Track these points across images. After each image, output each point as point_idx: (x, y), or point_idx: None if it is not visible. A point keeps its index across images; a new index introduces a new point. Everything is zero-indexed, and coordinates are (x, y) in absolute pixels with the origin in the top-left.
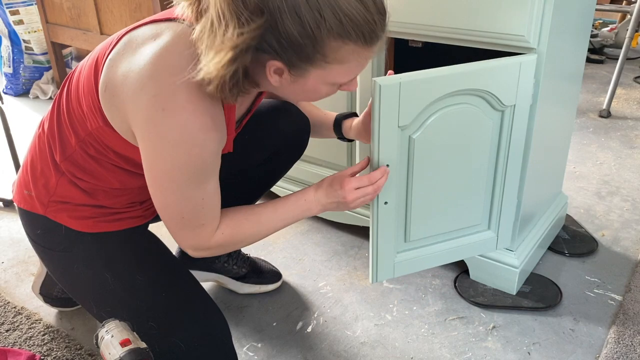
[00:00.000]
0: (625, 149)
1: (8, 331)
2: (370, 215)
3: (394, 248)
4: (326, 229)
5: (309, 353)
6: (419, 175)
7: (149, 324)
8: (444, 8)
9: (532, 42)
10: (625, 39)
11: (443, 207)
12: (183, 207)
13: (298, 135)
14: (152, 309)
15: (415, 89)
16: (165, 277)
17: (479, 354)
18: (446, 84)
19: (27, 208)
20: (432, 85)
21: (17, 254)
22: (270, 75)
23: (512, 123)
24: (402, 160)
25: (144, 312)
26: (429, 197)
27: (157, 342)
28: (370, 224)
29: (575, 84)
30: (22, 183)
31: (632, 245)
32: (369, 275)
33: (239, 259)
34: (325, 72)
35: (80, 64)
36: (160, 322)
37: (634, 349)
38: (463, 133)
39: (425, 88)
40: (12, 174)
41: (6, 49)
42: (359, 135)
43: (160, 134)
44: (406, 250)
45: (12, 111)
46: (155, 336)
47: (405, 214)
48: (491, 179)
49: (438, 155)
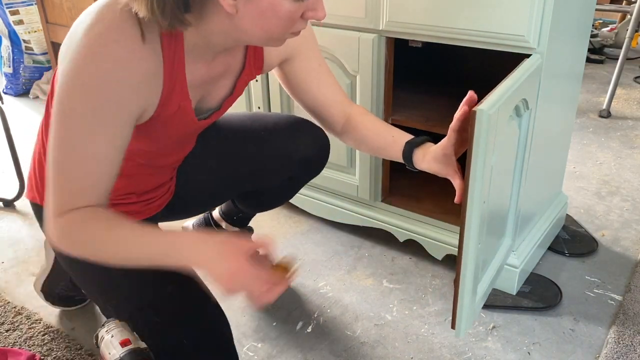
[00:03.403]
0: (625, 149)
1: (8, 331)
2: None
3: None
4: (326, 229)
5: (309, 353)
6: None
7: (154, 319)
8: (444, 8)
9: (532, 42)
10: (625, 39)
11: (492, 227)
12: (62, 151)
13: (317, 160)
14: (158, 304)
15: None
16: (171, 273)
17: (479, 354)
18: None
19: (36, 202)
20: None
21: (17, 254)
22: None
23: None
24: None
25: (150, 307)
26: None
27: (161, 338)
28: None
29: (575, 84)
30: (31, 178)
31: (632, 245)
32: (458, 330)
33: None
34: None
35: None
36: (165, 318)
37: (634, 349)
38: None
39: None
40: (12, 174)
41: (6, 49)
42: (437, 167)
43: (74, 55)
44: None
45: (12, 111)
46: (160, 332)
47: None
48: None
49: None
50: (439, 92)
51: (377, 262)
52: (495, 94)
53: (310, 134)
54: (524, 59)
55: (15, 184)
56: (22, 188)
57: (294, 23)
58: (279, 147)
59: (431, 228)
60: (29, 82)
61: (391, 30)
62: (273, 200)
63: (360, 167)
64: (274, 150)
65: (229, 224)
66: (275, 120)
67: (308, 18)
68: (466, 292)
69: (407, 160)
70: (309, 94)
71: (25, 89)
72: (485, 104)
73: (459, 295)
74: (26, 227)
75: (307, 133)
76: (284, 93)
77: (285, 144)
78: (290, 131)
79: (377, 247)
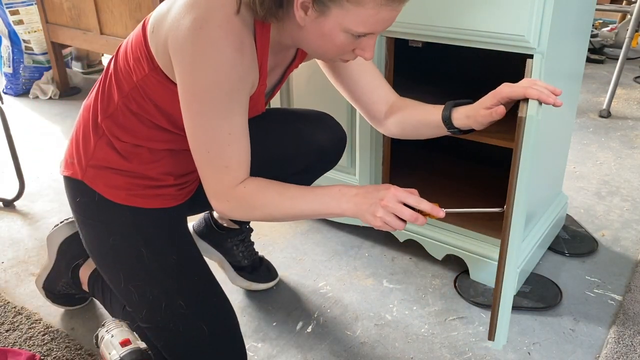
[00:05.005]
0: (625, 149)
1: (8, 331)
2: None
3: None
4: (326, 229)
5: (309, 353)
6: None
7: (178, 302)
8: (444, 8)
9: (532, 42)
10: (625, 39)
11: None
12: (210, 136)
13: (335, 150)
14: (183, 290)
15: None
16: (197, 264)
17: (479, 354)
18: None
19: (68, 174)
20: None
21: (17, 254)
22: (297, 9)
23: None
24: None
25: (175, 291)
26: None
27: (182, 323)
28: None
29: (575, 84)
30: (67, 154)
31: (632, 245)
32: (496, 341)
33: (248, 248)
34: (343, 13)
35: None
36: (190, 303)
37: (634, 349)
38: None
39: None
40: (12, 174)
41: (6, 49)
42: (476, 117)
43: (194, 52)
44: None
45: (12, 111)
46: (182, 315)
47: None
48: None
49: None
50: (439, 92)
51: (377, 262)
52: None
53: (330, 126)
54: (526, 59)
55: (15, 184)
56: (22, 188)
57: (345, 53)
58: (301, 132)
59: (431, 228)
60: (29, 82)
61: (391, 30)
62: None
63: (360, 167)
64: (296, 133)
65: (230, 221)
66: (298, 110)
67: (356, 54)
68: (507, 300)
69: (446, 120)
70: (355, 82)
71: (25, 89)
72: (531, 109)
73: (500, 304)
74: (26, 227)
75: (328, 125)
76: (284, 92)
77: (305, 131)
78: (312, 120)
79: (377, 247)
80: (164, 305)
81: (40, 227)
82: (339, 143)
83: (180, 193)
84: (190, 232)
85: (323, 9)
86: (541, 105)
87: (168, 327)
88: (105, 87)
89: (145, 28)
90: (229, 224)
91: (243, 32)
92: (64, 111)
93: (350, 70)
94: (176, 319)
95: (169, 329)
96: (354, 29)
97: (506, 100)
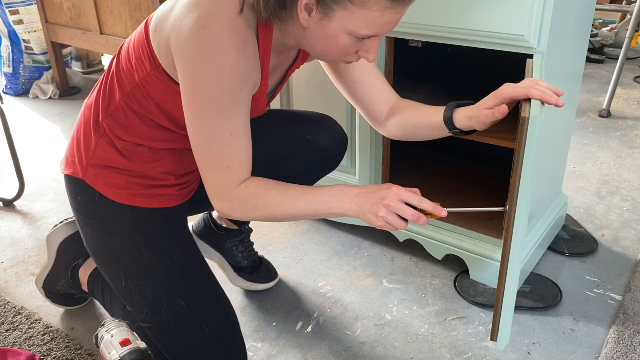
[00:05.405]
0: (625, 149)
1: (8, 331)
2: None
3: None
4: (326, 229)
5: (309, 353)
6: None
7: (179, 302)
8: (444, 8)
9: (532, 42)
10: (625, 39)
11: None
12: (212, 136)
13: (336, 152)
14: (184, 289)
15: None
16: (197, 264)
17: (479, 354)
18: None
19: (69, 173)
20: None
21: (17, 254)
22: (300, 11)
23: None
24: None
25: (176, 291)
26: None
27: (183, 323)
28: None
29: (575, 84)
30: (68, 152)
31: (632, 245)
32: (499, 341)
33: (248, 249)
34: (347, 15)
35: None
36: (191, 304)
37: (634, 349)
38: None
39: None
40: (12, 173)
41: (6, 49)
42: (478, 118)
43: (197, 52)
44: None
45: (12, 111)
46: (183, 315)
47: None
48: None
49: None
50: (439, 92)
51: (377, 262)
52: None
53: (331, 129)
54: (526, 59)
55: (15, 184)
56: (22, 188)
57: (348, 55)
58: (302, 133)
59: (431, 228)
60: (29, 82)
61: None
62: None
63: (360, 167)
64: (297, 134)
65: (229, 222)
66: (300, 112)
67: (360, 57)
68: (510, 300)
69: (448, 122)
70: (357, 83)
71: (25, 89)
72: (534, 110)
73: (502, 304)
74: (26, 227)
75: (329, 127)
76: (284, 93)
77: (307, 132)
78: (314, 122)
79: (377, 247)
80: (164, 305)
81: (40, 227)
82: (341, 145)
83: (181, 193)
84: (191, 232)
85: (327, 12)
86: (544, 106)
87: (169, 327)
88: (107, 86)
89: (148, 27)
90: (228, 224)
91: (246, 32)
92: (64, 111)
93: (352, 72)
94: (177, 319)
95: (170, 329)
96: (358, 32)
97: (508, 101)
